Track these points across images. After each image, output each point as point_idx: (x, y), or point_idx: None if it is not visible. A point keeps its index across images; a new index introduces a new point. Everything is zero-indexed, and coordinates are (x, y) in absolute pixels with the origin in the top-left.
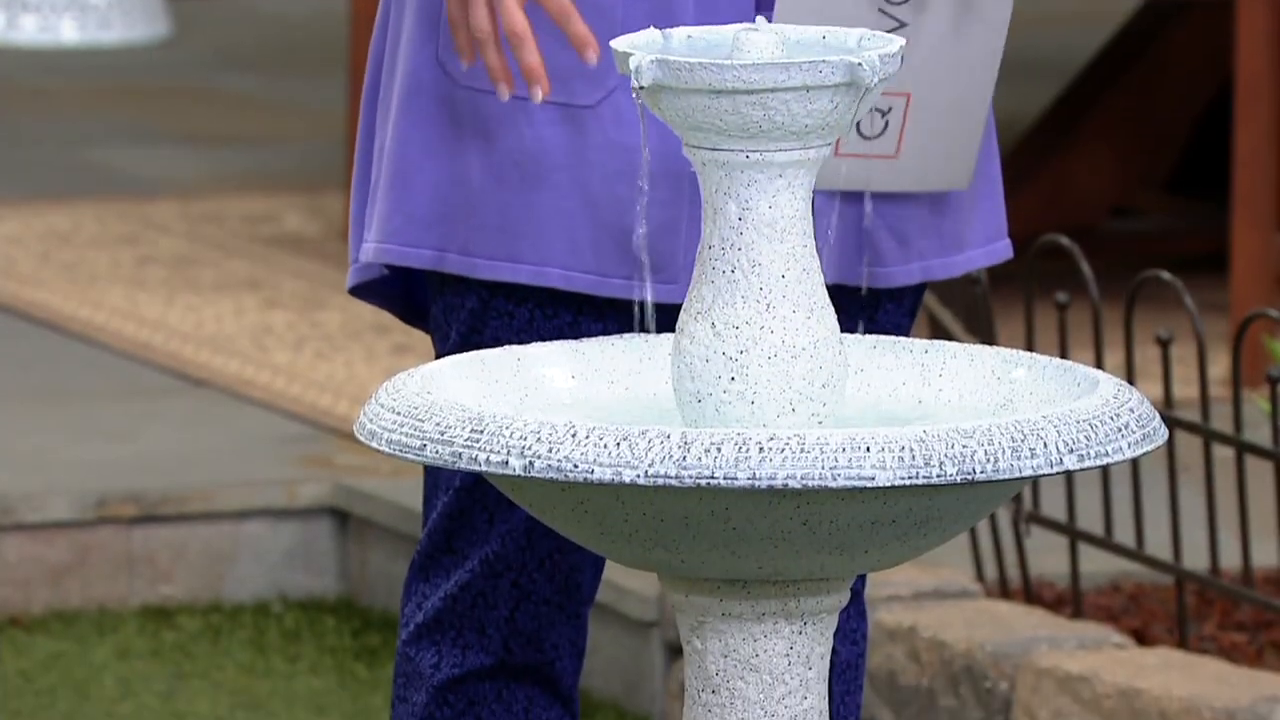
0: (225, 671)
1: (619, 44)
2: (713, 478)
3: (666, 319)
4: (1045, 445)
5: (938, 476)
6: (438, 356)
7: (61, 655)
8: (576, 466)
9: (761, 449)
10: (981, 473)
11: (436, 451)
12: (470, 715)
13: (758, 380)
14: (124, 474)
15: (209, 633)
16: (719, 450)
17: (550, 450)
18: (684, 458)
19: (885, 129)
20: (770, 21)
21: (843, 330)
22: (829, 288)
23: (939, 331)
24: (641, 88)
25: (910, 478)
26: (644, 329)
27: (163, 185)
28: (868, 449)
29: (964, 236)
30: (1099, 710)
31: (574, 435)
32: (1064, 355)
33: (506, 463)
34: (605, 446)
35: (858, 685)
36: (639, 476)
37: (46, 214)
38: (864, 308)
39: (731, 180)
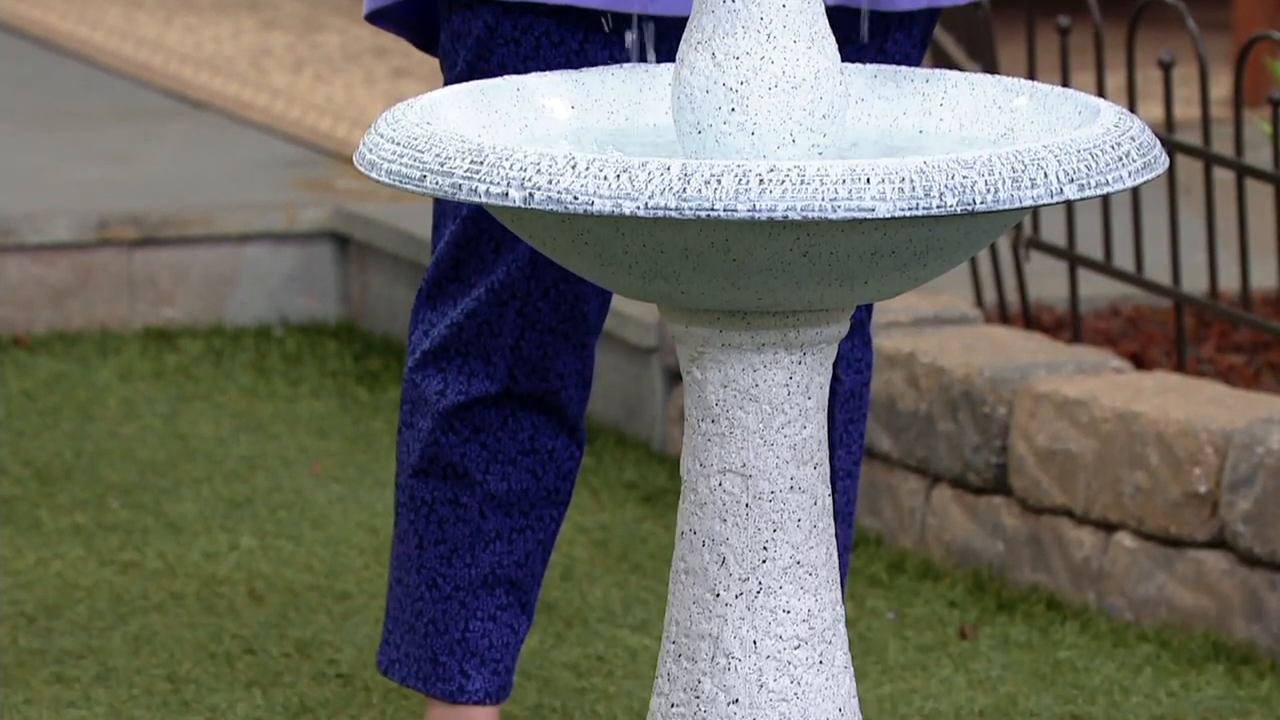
0: (227, 394)
1: None
2: (713, 210)
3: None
4: (1046, 175)
5: (938, 207)
6: (447, 85)
7: (64, 376)
8: (576, 198)
9: (762, 180)
10: (982, 203)
11: (436, 183)
12: (475, 441)
13: (758, 111)
14: (124, 196)
15: (211, 355)
16: (719, 182)
17: (550, 182)
18: (684, 189)
19: None
20: None
21: (852, 57)
22: (837, 11)
23: (940, 58)
24: None
25: (910, 209)
26: (643, 50)
27: None
28: (868, 180)
29: None
30: (1096, 434)
31: (574, 167)
32: (1065, 79)
33: (506, 194)
34: (605, 178)
35: (862, 414)
36: (639, 208)
37: None
38: (873, 35)
39: None
